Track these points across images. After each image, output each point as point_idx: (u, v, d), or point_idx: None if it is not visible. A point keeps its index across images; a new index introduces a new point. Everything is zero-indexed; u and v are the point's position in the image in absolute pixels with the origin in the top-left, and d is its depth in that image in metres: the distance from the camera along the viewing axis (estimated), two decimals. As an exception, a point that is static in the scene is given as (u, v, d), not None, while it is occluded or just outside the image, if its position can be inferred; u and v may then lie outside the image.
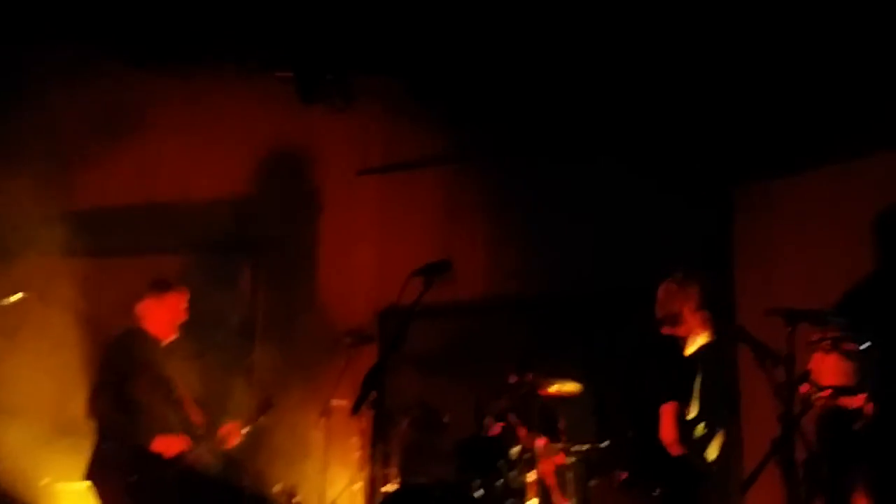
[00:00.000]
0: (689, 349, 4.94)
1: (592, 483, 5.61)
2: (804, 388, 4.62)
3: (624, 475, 4.86)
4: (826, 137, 6.56)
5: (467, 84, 7.24)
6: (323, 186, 7.42)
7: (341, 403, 6.39)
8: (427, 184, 7.53)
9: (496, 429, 6.07)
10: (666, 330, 4.95)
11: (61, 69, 6.94)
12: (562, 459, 6.11)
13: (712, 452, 4.93)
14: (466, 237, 7.44)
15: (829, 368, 4.65)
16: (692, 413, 4.81)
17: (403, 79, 7.33)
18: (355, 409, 4.58)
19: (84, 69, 6.97)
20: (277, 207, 7.31)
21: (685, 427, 4.74)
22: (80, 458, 5.76)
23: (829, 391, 4.60)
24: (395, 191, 7.48)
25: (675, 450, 4.72)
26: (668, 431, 4.71)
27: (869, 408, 4.55)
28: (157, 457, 5.51)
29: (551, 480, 6.26)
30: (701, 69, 6.73)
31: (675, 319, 4.92)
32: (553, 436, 6.40)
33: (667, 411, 4.71)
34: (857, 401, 4.58)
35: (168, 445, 5.56)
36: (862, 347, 4.61)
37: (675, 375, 4.81)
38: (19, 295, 5.83)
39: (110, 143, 7.09)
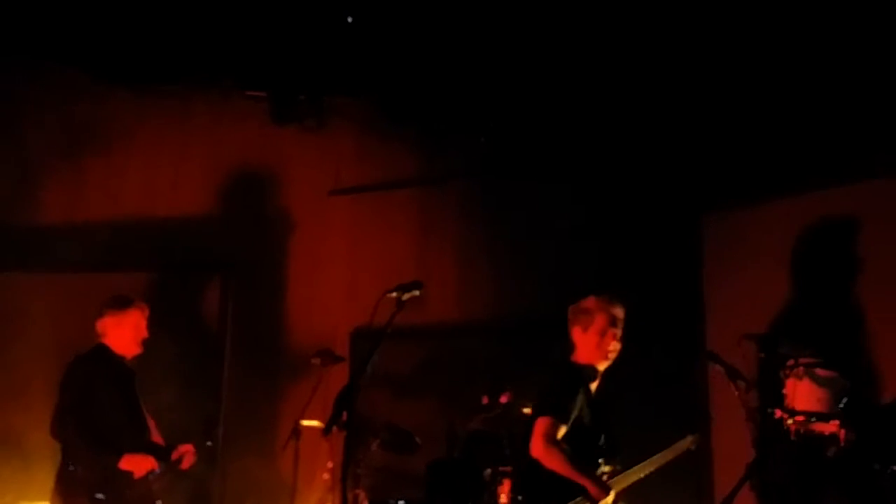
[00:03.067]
0: None
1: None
2: (777, 413, 4.67)
3: None
4: (793, 169, 6.69)
5: (440, 105, 7.26)
6: (294, 206, 7.37)
7: (311, 424, 6.33)
8: (399, 205, 7.52)
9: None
10: None
11: (30, 86, 6.87)
12: None
13: None
14: (439, 259, 7.44)
15: (802, 394, 4.70)
16: None
17: (376, 99, 7.35)
18: (327, 430, 4.55)
19: (54, 86, 6.90)
20: (248, 227, 7.26)
21: None
22: (40, 477, 5.69)
23: (802, 416, 4.65)
24: (367, 211, 7.46)
25: None
26: None
27: (842, 434, 4.59)
28: (126, 476, 5.44)
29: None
30: (676, 102, 6.90)
31: None
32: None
33: None
34: (830, 427, 4.63)
35: (137, 464, 5.48)
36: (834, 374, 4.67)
37: None
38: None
39: (79, 160, 7.02)
